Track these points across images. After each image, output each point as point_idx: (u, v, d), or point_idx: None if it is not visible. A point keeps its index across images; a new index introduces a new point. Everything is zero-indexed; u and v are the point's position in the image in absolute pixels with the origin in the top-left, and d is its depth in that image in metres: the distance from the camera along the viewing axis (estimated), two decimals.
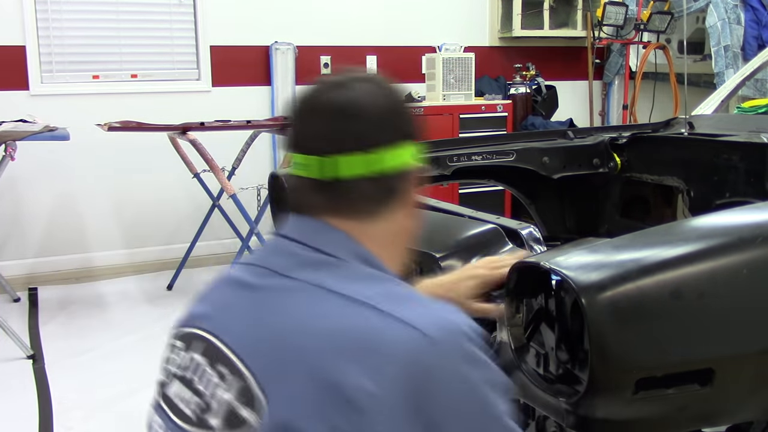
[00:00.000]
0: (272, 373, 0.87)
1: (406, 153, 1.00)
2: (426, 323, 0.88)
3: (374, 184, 0.96)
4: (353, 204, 0.97)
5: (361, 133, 0.96)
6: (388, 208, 0.99)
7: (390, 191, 0.99)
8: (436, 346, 0.87)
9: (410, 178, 1.01)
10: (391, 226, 1.00)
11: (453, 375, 0.88)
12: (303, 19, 5.17)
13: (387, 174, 0.97)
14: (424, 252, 1.64)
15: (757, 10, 5.19)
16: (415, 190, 1.03)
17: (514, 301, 1.38)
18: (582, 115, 5.97)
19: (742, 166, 2.45)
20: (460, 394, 0.88)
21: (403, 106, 1.05)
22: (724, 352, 1.30)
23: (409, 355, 0.86)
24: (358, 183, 0.96)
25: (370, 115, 0.98)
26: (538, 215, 3.00)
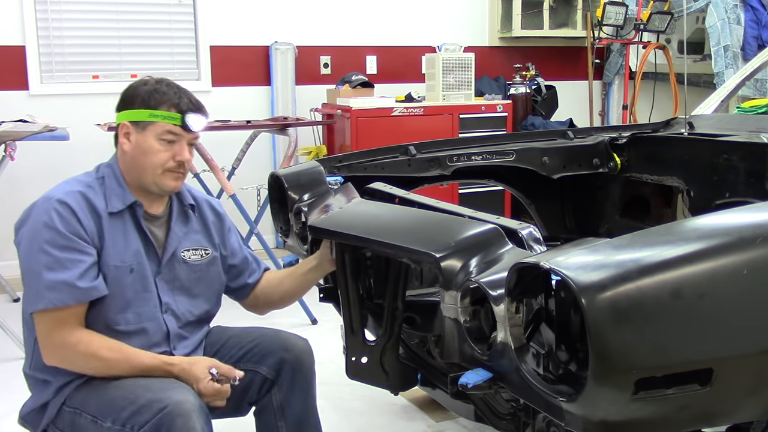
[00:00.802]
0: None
1: (120, 115, 1.81)
2: (50, 193, 1.78)
3: (114, 133, 1.85)
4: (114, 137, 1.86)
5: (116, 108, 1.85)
6: (118, 143, 1.83)
7: (116, 134, 1.83)
8: (42, 200, 1.76)
9: (123, 128, 1.80)
10: (118, 152, 1.84)
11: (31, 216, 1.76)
12: (303, 19, 5.17)
13: (117, 125, 1.83)
14: (424, 252, 1.64)
15: (757, 10, 5.19)
16: (125, 131, 1.80)
17: (514, 301, 1.38)
18: (582, 115, 5.97)
19: (742, 166, 2.45)
20: (29, 229, 1.75)
21: (125, 93, 1.84)
22: (724, 352, 1.30)
23: (34, 203, 1.78)
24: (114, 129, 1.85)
25: (120, 100, 1.85)
26: (538, 215, 3.00)
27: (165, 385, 1.67)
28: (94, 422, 1.69)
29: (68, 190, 1.75)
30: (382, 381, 2.01)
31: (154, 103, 1.77)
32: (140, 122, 1.77)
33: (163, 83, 1.81)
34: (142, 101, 1.77)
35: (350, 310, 1.97)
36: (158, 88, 1.79)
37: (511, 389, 1.44)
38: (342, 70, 5.21)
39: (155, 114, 1.76)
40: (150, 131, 1.76)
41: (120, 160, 1.82)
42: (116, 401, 1.66)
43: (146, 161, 1.77)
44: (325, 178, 2.30)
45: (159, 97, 1.77)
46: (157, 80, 1.83)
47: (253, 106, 5.03)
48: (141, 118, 1.77)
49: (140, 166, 1.78)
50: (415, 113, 4.79)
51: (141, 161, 1.77)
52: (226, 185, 3.96)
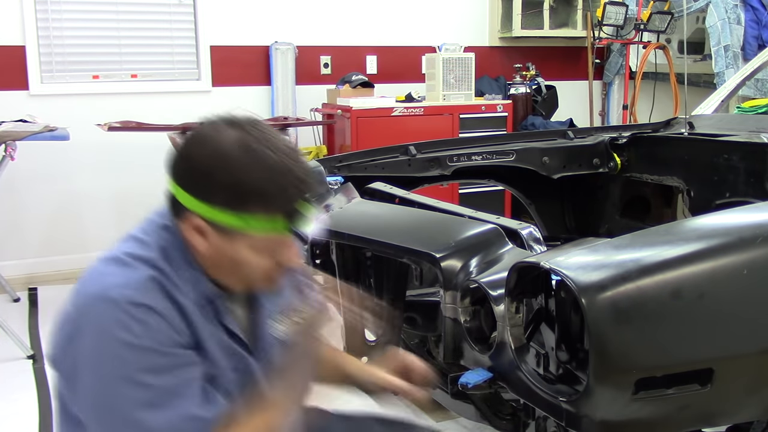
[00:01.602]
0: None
1: (185, 198, 1.18)
2: (107, 283, 1.15)
3: (171, 197, 1.22)
4: (169, 203, 1.24)
5: (171, 160, 1.24)
6: (179, 221, 1.21)
7: (176, 210, 1.21)
8: (101, 302, 1.13)
9: (188, 216, 1.18)
10: (186, 236, 1.20)
11: (95, 328, 1.13)
12: (303, 19, 5.17)
13: (174, 198, 1.21)
14: (424, 252, 1.64)
15: (757, 10, 5.18)
16: (197, 227, 1.18)
17: (514, 301, 1.38)
18: (582, 115, 5.97)
19: (742, 166, 2.45)
20: (96, 347, 1.12)
21: (204, 166, 1.18)
22: (724, 352, 1.30)
23: (75, 298, 1.18)
24: (170, 192, 1.23)
25: (180, 152, 1.23)
26: (538, 215, 3.00)
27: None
28: None
29: (134, 278, 1.15)
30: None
31: (253, 202, 1.14)
32: (224, 227, 1.16)
33: (266, 155, 1.15)
34: (233, 197, 1.14)
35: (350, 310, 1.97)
36: (263, 174, 1.14)
37: (511, 389, 1.44)
38: (342, 70, 5.21)
39: (251, 223, 1.15)
40: (242, 242, 1.17)
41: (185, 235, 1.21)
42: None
43: (235, 272, 1.21)
44: (325, 178, 2.30)
45: (264, 194, 1.15)
46: (253, 142, 1.16)
47: (253, 106, 5.03)
48: (227, 222, 1.15)
49: (222, 272, 1.22)
50: (415, 113, 4.79)
51: (225, 269, 1.21)
52: None
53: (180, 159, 1.21)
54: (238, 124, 1.19)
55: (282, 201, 1.15)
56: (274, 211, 1.15)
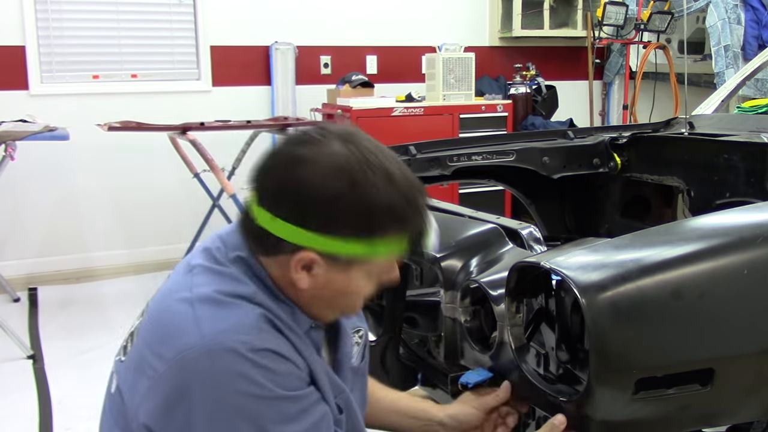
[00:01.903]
0: (137, 331, 1.10)
1: (294, 233, 1.01)
2: (211, 330, 0.98)
3: (261, 232, 1.04)
4: (252, 235, 1.07)
5: (264, 188, 1.05)
6: (272, 257, 1.06)
7: (271, 247, 1.05)
8: (207, 353, 0.97)
9: (295, 252, 1.03)
10: (275, 269, 1.07)
11: (209, 384, 0.96)
12: (303, 19, 5.17)
13: (271, 235, 1.03)
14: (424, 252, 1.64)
15: (757, 10, 5.18)
16: (307, 263, 1.04)
17: (514, 301, 1.38)
18: (582, 115, 5.97)
19: (742, 166, 2.45)
20: (214, 405, 0.95)
21: (319, 197, 1.00)
22: (725, 352, 1.30)
23: (168, 353, 0.99)
24: (258, 227, 1.05)
25: (276, 178, 1.04)
26: (538, 215, 3.00)
27: None
28: None
29: (244, 320, 1.01)
30: (382, 381, 2.01)
31: (378, 227, 1.02)
32: (345, 257, 1.04)
33: (383, 172, 1.01)
34: (357, 227, 1.01)
35: None
36: (386, 195, 1.01)
37: (511, 389, 1.44)
38: (342, 70, 5.21)
39: (376, 247, 1.03)
40: (361, 269, 1.06)
41: (275, 271, 1.08)
42: None
43: (338, 302, 1.11)
44: None
45: (391, 217, 1.02)
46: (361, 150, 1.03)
47: (253, 106, 5.03)
48: (354, 252, 1.03)
49: (322, 303, 1.11)
50: (415, 113, 4.79)
51: (327, 300, 1.10)
52: (226, 185, 3.96)
53: (282, 187, 1.01)
54: (342, 136, 1.02)
55: (413, 217, 1.03)
56: (405, 230, 1.03)
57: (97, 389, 3.29)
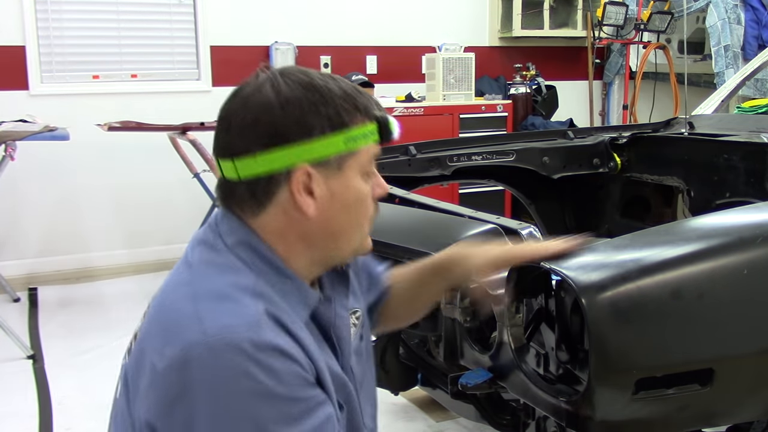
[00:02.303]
0: (138, 330, 1.07)
1: (279, 157, 1.01)
2: (214, 326, 0.94)
3: (248, 186, 1.03)
4: (239, 201, 1.05)
5: (228, 143, 1.04)
6: (269, 205, 1.04)
7: (265, 193, 1.03)
8: (210, 350, 0.93)
9: (290, 177, 1.02)
10: (275, 221, 1.04)
11: (212, 382, 0.93)
12: (303, 19, 5.17)
13: (260, 177, 1.02)
14: (424, 252, 1.64)
15: (757, 10, 5.19)
16: (305, 182, 1.03)
17: (514, 301, 1.38)
18: (582, 115, 5.97)
19: (742, 166, 2.45)
20: (216, 403, 0.92)
21: (280, 110, 1.01)
22: (724, 352, 1.30)
23: (169, 351, 0.95)
24: (237, 184, 1.04)
25: (235, 126, 1.03)
26: (538, 215, 3.00)
27: None
28: None
29: (247, 315, 0.96)
30: (382, 381, 2.00)
31: (346, 116, 1.04)
32: (331, 158, 1.03)
33: (321, 77, 1.06)
34: (328, 120, 1.03)
35: None
36: (334, 87, 1.05)
37: (511, 389, 1.44)
38: (342, 70, 5.21)
39: (353, 136, 1.05)
40: (351, 167, 1.06)
41: (273, 235, 1.05)
42: None
43: (354, 217, 1.08)
44: None
45: (349, 104, 1.05)
46: (306, 74, 1.06)
47: None
48: (335, 150, 1.03)
49: (341, 231, 1.08)
50: (415, 113, 4.79)
51: (344, 222, 1.07)
52: None
53: (246, 125, 1.02)
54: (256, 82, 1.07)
55: (368, 104, 1.07)
56: (368, 117, 1.07)
57: (97, 389, 3.32)
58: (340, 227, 1.07)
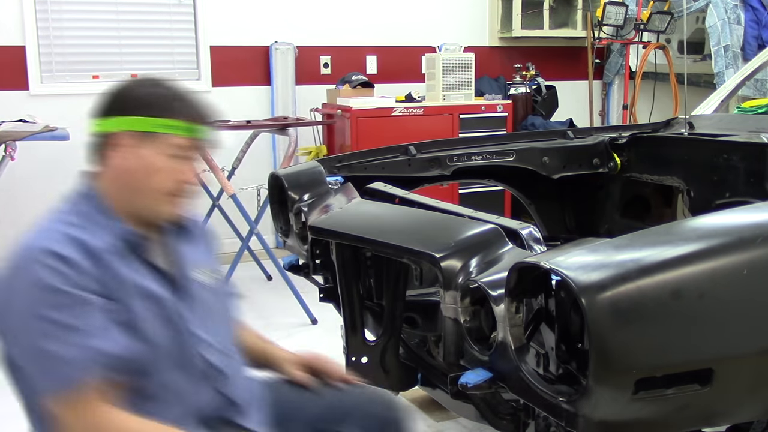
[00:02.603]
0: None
1: (111, 123, 1.44)
2: (23, 242, 1.37)
3: (99, 137, 1.46)
4: (93, 151, 1.47)
5: (99, 111, 1.48)
6: (104, 158, 1.44)
7: (101, 146, 1.45)
8: (20, 254, 1.35)
9: (117, 139, 1.42)
10: (109, 172, 1.44)
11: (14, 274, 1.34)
12: (303, 19, 5.17)
13: (99, 134, 1.45)
14: (424, 252, 1.64)
15: (757, 10, 5.19)
16: (123, 144, 1.42)
17: (514, 301, 1.38)
18: (582, 115, 5.97)
19: (742, 166, 2.45)
20: (15, 287, 1.32)
21: (126, 94, 1.46)
22: (724, 352, 1.30)
23: (10, 258, 1.35)
24: (94, 136, 1.47)
25: (108, 101, 1.47)
26: (538, 215, 3.00)
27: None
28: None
29: (50, 233, 1.35)
30: (382, 381, 2.01)
31: (167, 110, 1.42)
32: (145, 133, 1.40)
33: (169, 87, 1.47)
34: (149, 106, 1.42)
35: (350, 310, 1.97)
36: (168, 93, 1.45)
37: (511, 389, 1.44)
38: (342, 70, 5.21)
39: (168, 124, 1.41)
40: (155, 145, 1.41)
41: (103, 180, 1.44)
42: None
43: (147, 182, 1.42)
44: (325, 178, 2.30)
45: (173, 104, 1.43)
46: (158, 81, 1.48)
47: (253, 106, 5.03)
48: (147, 128, 1.40)
49: (138, 187, 1.42)
50: (415, 113, 4.79)
51: (140, 182, 1.42)
52: (226, 185, 3.96)
53: (104, 103, 1.47)
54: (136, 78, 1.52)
55: (180, 108, 1.43)
56: (178, 115, 1.42)
57: None
58: (135, 186, 1.42)
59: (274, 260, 3.95)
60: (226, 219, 4.43)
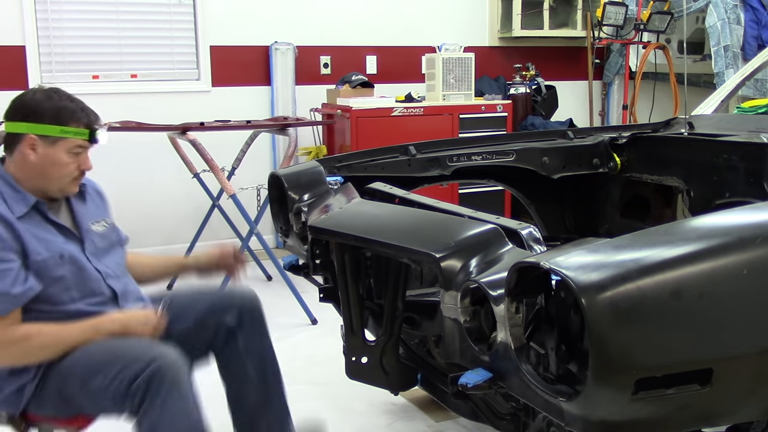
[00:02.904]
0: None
1: (23, 126, 1.88)
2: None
3: (9, 137, 1.90)
4: (4, 147, 1.91)
5: (5, 113, 1.91)
6: (12, 151, 1.90)
7: (10, 142, 1.90)
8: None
9: (28, 140, 1.87)
10: (16, 161, 1.89)
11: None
12: (303, 19, 5.17)
13: (11, 134, 1.90)
14: (424, 252, 1.64)
15: (756, 10, 5.19)
16: (31, 143, 1.87)
17: (514, 301, 1.38)
18: (582, 115, 5.97)
19: (742, 166, 2.45)
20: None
21: (29, 106, 1.90)
22: (724, 352, 1.30)
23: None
24: (4, 137, 1.91)
25: (11, 105, 1.93)
26: (538, 215, 3.00)
27: (147, 343, 1.85)
28: (83, 385, 1.79)
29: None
30: (382, 381, 2.01)
31: (65, 119, 1.88)
32: (49, 137, 1.87)
33: (65, 97, 1.91)
34: (53, 117, 1.87)
35: (350, 310, 1.97)
36: (66, 104, 1.90)
37: (511, 389, 1.44)
38: (342, 70, 5.21)
39: (66, 131, 1.88)
40: (60, 146, 1.88)
41: (15, 167, 1.89)
42: (103, 361, 1.79)
43: (55, 172, 1.89)
44: (325, 178, 2.30)
45: (69, 114, 1.89)
46: (54, 91, 1.91)
47: (253, 106, 5.03)
48: (52, 133, 1.87)
49: (47, 176, 1.89)
50: (415, 113, 4.80)
51: (49, 172, 1.89)
52: (226, 185, 3.96)
53: (15, 109, 1.90)
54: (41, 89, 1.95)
55: (83, 118, 1.91)
56: (79, 125, 1.90)
57: None
58: (46, 175, 1.89)
59: (274, 260, 3.95)
60: (226, 219, 4.43)
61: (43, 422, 1.93)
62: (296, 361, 3.16)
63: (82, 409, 1.87)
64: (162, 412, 1.72)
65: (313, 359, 3.28)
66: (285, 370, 2.35)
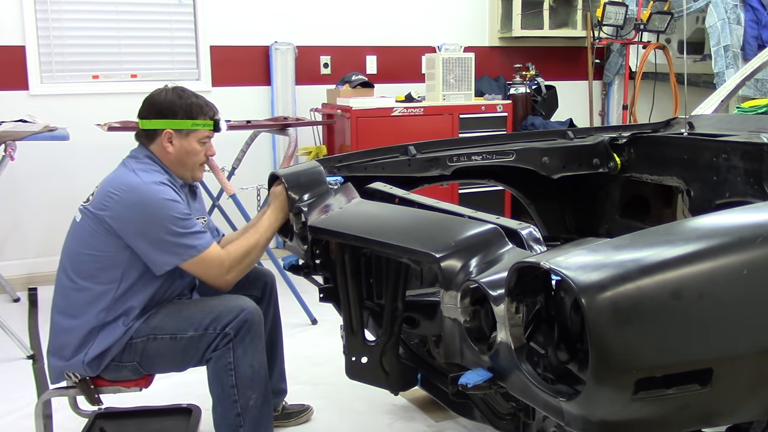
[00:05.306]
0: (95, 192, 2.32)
1: (156, 123, 2.27)
2: (146, 179, 2.20)
3: (150, 131, 2.30)
4: (145, 138, 2.32)
5: (140, 111, 2.32)
6: (154, 141, 2.28)
7: (150, 135, 2.29)
8: (145, 185, 2.18)
9: (165, 133, 2.26)
10: (158, 149, 2.29)
11: (147, 203, 2.16)
12: (303, 19, 5.17)
13: (146, 128, 2.30)
14: (424, 252, 1.64)
15: (756, 10, 5.18)
16: (168, 136, 2.26)
17: (514, 301, 1.38)
18: (582, 115, 5.97)
19: (742, 166, 2.45)
20: (149, 213, 2.14)
21: (162, 104, 2.27)
22: (724, 352, 1.30)
23: (133, 184, 2.19)
24: (143, 130, 2.32)
25: (146, 105, 2.31)
26: (538, 215, 3.00)
27: (233, 298, 2.22)
28: (173, 339, 2.16)
29: (155, 181, 2.18)
30: (382, 381, 2.01)
31: (195, 113, 2.26)
32: (183, 130, 2.25)
33: (190, 94, 2.29)
34: (185, 113, 2.25)
35: (350, 310, 1.97)
36: (193, 101, 2.27)
37: (511, 389, 1.44)
38: (342, 70, 5.21)
39: (197, 123, 2.27)
40: (192, 137, 2.27)
41: (159, 156, 2.28)
42: (194, 315, 2.18)
43: (190, 160, 2.29)
44: (325, 178, 2.30)
45: (198, 109, 2.27)
46: (181, 90, 2.29)
47: (253, 106, 5.03)
48: (185, 127, 2.26)
49: (184, 163, 2.29)
50: (415, 113, 4.80)
51: (185, 160, 2.28)
52: (226, 185, 3.95)
53: (150, 107, 2.29)
54: (169, 89, 2.32)
55: (205, 110, 2.29)
56: (204, 115, 2.28)
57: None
58: (183, 162, 2.29)
59: (274, 260, 3.95)
60: (226, 219, 4.43)
61: (108, 386, 2.23)
62: (296, 361, 3.16)
63: (157, 367, 2.21)
64: (244, 354, 2.13)
65: (313, 359, 3.28)
66: (285, 369, 2.35)
